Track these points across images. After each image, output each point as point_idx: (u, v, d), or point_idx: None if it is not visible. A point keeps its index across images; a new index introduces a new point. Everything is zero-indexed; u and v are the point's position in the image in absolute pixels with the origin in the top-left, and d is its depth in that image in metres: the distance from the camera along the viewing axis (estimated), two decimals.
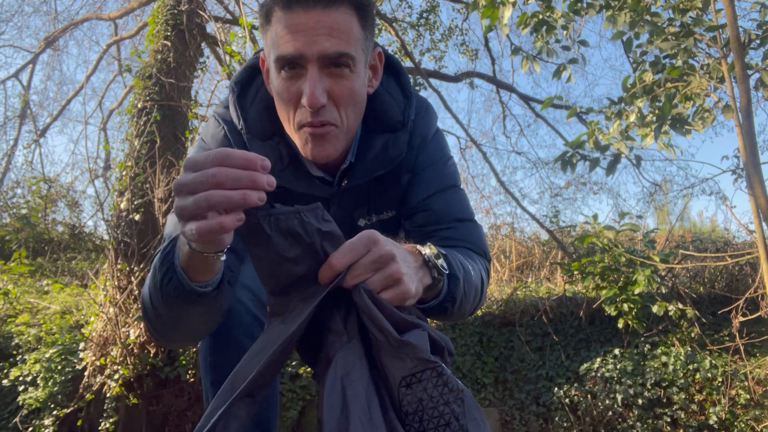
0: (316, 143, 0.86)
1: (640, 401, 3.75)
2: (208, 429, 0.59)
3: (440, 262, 0.79)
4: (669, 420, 3.72)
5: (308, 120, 0.84)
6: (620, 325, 3.61)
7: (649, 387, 3.79)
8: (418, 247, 0.79)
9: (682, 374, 3.77)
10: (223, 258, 0.69)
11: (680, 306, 3.65)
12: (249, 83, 0.99)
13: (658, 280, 3.56)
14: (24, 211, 6.59)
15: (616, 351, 4.05)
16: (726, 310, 3.54)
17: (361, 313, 0.65)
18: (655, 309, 3.49)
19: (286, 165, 0.95)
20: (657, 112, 2.61)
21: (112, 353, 3.42)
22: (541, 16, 2.79)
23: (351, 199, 1.04)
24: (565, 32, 2.83)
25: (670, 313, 3.62)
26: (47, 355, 3.52)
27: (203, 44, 4.79)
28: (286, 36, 0.80)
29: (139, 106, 4.11)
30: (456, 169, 1.11)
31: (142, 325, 3.52)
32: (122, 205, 3.82)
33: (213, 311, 0.80)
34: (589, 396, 3.90)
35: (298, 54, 0.80)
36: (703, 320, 3.90)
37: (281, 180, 0.90)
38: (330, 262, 0.67)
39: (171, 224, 0.92)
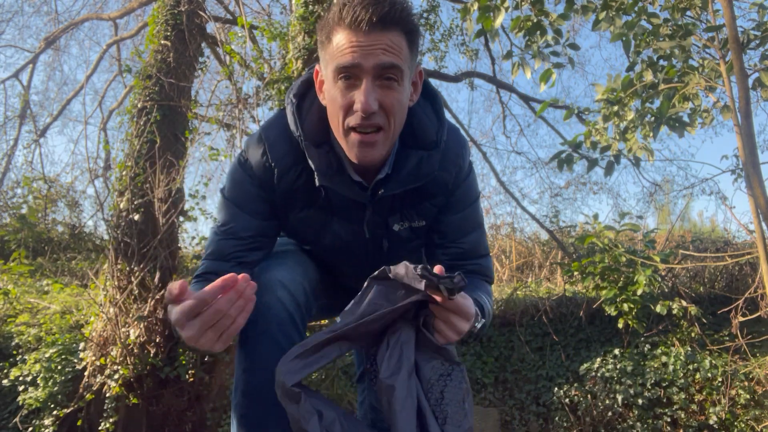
0: (363, 147, 1.00)
1: (640, 401, 3.75)
2: (308, 343, 0.87)
3: (479, 326, 1.04)
4: (669, 420, 3.72)
5: (359, 123, 0.97)
6: (620, 325, 3.61)
7: (649, 387, 3.79)
8: (476, 316, 1.02)
9: (682, 374, 3.77)
10: None
11: (684, 303, 3.65)
12: (304, 96, 1.13)
13: (659, 279, 3.56)
14: (24, 211, 6.59)
15: (616, 351, 4.05)
16: (726, 310, 3.53)
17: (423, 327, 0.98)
18: (658, 308, 3.49)
19: (335, 171, 1.09)
20: (654, 112, 2.60)
21: (112, 353, 3.42)
22: (534, 20, 2.77)
23: (386, 206, 1.18)
24: (556, 36, 2.80)
25: (674, 311, 3.61)
26: (47, 355, 3.52)
27: (203, 44, 4.79)
28: (347, 50, 0.94)
29: (139, 106, 4.11)
30: (481, 205, 1.32)
31: (142, 326, 3.52)
32: (122, 205, 3.83)
33: None
34: (589, 396, 3.90)
35: (357, 64, 0.94)
36: (703, 320, 3.90)
37: (330, 183, 1.09)
38: (455, 327, 0.95)
39: (222, 209, 1.19)
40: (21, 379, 3.49)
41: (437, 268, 0.90)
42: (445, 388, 0.93)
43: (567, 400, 3.97)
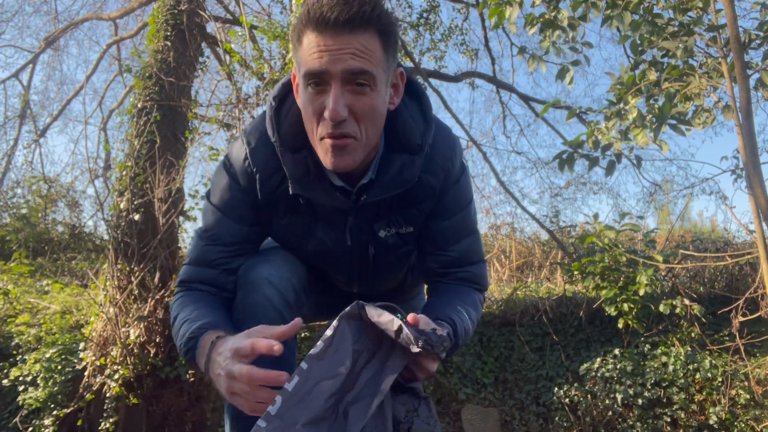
0: (336, 153, 0.94)
1: (640, 401, 3.75)
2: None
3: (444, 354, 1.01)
4: (669, 420, 3.72)
5: (329, 132, 0.92)
6: (620, 325, 3.61)
7: (649, 387, 3.79)
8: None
9: (682, 374, 3.77)
10: None
11: (686, 302, 3.64)
12: (284, 99, 1.08)
13: (660, 279, 3.56)
14: (24, 211, 6.58)
15: (616, 351, 4.05)
16: (726, 310, 3.53)
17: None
18: (661, 308, 3.48)
19: (313, 177, 1.04)
20: (656, 111, 2.60)
21: (112, 353, 3.42)
22: (547, 17, 2.78)
23: (370, 212, 1.13)
24: (572, 33, 2.82)
25: (677, 310, 3.60)
26: (47, 355, 3.52)
27: (203, 44, 4.78)
28: (314, 54, 0.89)
29: (139, 106, 4.11)
30: (475, 209, 1.26)
31: (142, 326, 3.52)
32: (122, 205, 3.82)
33: None
34: (589, 396, 3.90)
35: (324, 70, 0.88)
36: (703, 320, 3.90)
37: (305, 190, 1.05)
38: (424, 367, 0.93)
39: (206, 214, 1.16)
40: (21, 379, 3.49)
41: (411, 317, 0.88)
42: (412, 425, 0.93)
43: (567, 400, 3.97)
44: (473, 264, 1.23)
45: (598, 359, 4.04)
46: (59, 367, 3.51)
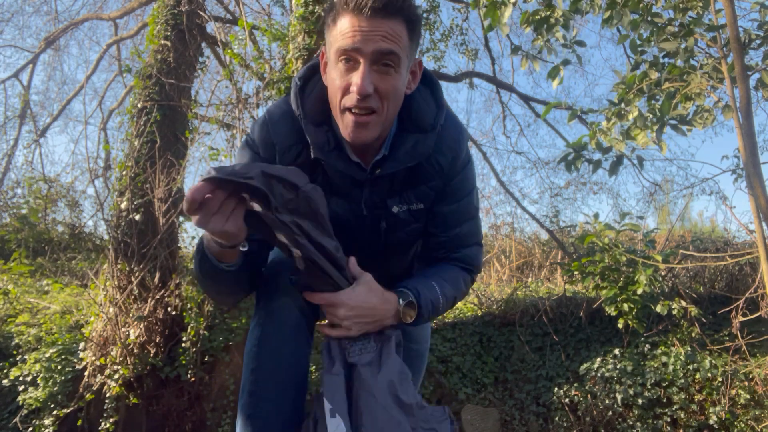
0: (357, 128, 1.05)
1: (640, 401, 3.75)
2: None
3: (411, 313, 1.15)
4: (669, 420, 3.71)
5: (354, 104, 1.02)
6: (620, 325, 3.61)
7: (649, 387, 3.79)
8: (398, 304, 1.14)
9: (682, 374, 3.77)
10: (244, 248, 1.02)
11: (684, 304, 3.64)
12: (309, 80, 1.19)
13: (660, 279, 3.55)
14: (24, 211, 6.58)
15: (616, 351, 4.04)
16: (726, 310, 3.53)
17: None
18: (659, 308, 3.48)
19: (332, 148, 1.14)
20: (657, 112, 2.60)
21: (112, 353, 3.42)
22: (542, 15, 2.79)
23: (384, 187, 1.22)
24: (565, 31, 2.83)
25: (674, 312, 3.61)
26: (47, 355, 3.52)
27: (203, 44, 4.79)
28: (349, 33, 0.99)
29: (139, 106, 4.11)
30: (478, 195, 1.37)
31: (142, 326, 3.52)
32: (122, 205, 3.82)
33: (238, 282, 1.13)
34: (589, 396, 3.90)
35: (357, 48, 0.99)
36: (703, 320, 3.89)
37: (327, 160, 1.14)
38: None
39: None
40: (21, 379, 3.49)
41: None
42: (360, 356, 1.03)
43: (567, 400, 3.97)
44: (467, 247, 1.32)
45: (598, 359, 4.04)
46: (59, 367, 3.51)
